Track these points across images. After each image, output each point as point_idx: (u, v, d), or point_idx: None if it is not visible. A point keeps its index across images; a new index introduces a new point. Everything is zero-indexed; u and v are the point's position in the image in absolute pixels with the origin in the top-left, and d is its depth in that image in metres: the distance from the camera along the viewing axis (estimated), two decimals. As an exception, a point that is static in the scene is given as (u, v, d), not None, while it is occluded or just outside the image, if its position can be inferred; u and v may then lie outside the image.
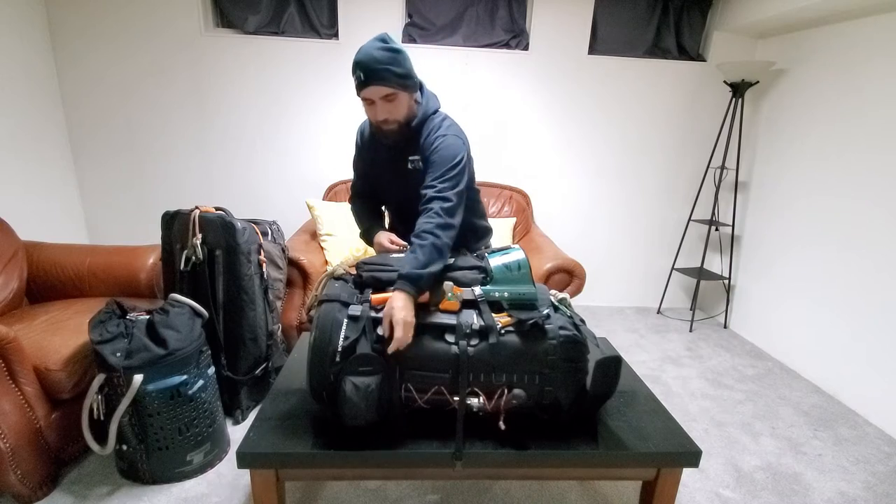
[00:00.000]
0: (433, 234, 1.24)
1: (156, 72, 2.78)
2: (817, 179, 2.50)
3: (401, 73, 1.30)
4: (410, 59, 1.35)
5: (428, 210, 1.30)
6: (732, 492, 1.66)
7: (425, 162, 1.40)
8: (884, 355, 2.11)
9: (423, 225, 1.27)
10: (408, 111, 1.38)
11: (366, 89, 1.31)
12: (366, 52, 1.29)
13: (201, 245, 1.75)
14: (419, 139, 1.42)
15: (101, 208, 2.98)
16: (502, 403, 1.13)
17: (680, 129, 3.09)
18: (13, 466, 1.38)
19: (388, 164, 1.49)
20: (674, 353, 2.72)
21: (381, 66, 1.28)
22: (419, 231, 1.26)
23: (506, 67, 2.90)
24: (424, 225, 1.26)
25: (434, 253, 1.22)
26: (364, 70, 1.28)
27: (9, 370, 1.39)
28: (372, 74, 1.28)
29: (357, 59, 1.30)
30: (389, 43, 1.30)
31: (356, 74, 1.31)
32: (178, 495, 1.53)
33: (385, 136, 1.41)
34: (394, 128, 1.37)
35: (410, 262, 1.19)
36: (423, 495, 1.57)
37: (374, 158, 1.54)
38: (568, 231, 3.22)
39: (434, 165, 1.36)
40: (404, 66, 1.32)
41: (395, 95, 1.32)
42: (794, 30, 2.68)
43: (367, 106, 1.37)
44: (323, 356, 1.11)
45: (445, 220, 1.28)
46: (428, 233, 1.25)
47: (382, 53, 1.28)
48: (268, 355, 1.94)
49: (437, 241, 1.24)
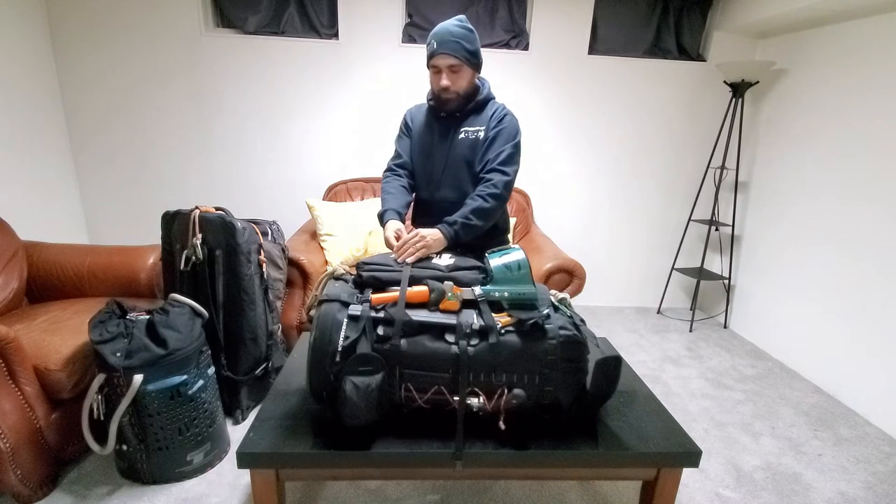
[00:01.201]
0: (483, 199, 1.46)
1: (156, 72, 2.78)
2: (817, 179, 2.50)
3: (470, 50, 1.46)
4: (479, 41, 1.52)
5: (487, 180, 1.49)
6: (732, 492, 1.66)
7: (490, 135, 1.54)
8: (884, 355, 2.11)
9: (480, 189, 1.48)
10: (468, 86, 1.52)
11: (436, 57, 1.46)
12: (443, 25, 1.46)
13: (201, 245, 1.75)
14: (479, 113, 1.58)
15: (101, 208, 2.98)
16: (502, 403, 1.13)
17: (680, 129, 3.09)
18: (13, 466, 1.38)
19: (441, 134, 1.60)
20: (674, 353, 2.72)
21: (454, 39, 1.43)
22: (475, 193, 1.48)
23: (506, 67, 2.90)
24: (480, 189, 1.48)
25: (479, 213, 1.45)
26: (438, 40, 1.44)
27: (9, 370, 1.39)
28: (444, 45, 1.43)
29: (434, 31, 1.46)
30: (465, 23, 1.47)
31: (430, 44, 1.46)
32: (178, 495, 1.53)
33: (444, 104, 1.54)
34: (453, 97, 1.51)
35: (460, 222, 1.43)
36: (423, 495, 1.57)
37: (425, 133, 1.63)
38: (568, 231, 3.22)
39: (500, 137, 1.52)
40: (474, 44, 1.48)
41: (460, 67, 1.46)
42: (795, 30, 2.68)
43: (432, 74, 1.51)
44: (323, 356, 1.11)
45: (499, 191, 1.47)
46: (480, 196, 1.46)
47: (458, 29, 1.45)
48: (268, 355, 1.94)
49: (485, 204, 1.45)
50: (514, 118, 1.57)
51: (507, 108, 1.59)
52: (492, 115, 1.57)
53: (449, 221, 1.44)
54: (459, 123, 1.58)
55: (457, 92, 1.50)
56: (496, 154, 1.51)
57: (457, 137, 1.58)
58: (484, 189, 1.47)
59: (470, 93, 1.54)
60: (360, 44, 2.81)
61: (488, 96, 1.59)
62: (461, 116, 1.58)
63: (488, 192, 1.46)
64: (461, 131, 1.58)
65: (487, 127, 1.56)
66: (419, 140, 1.63)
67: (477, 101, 1.56)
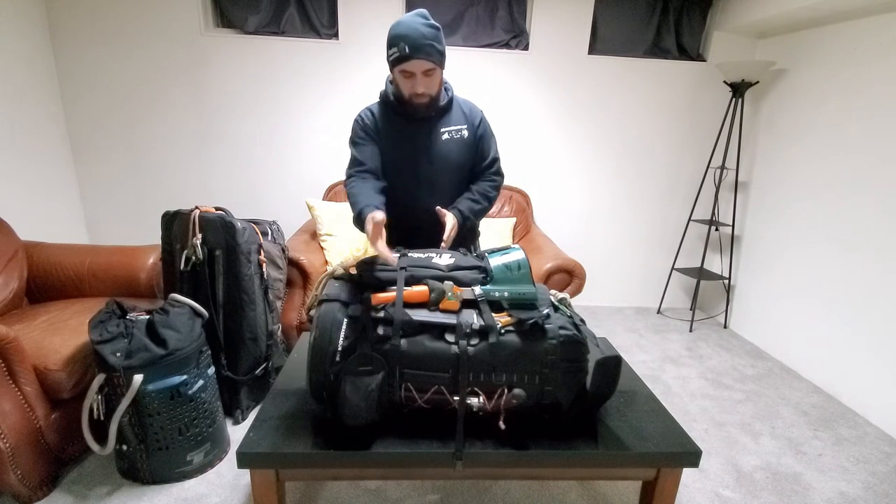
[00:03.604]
0: (487, 199, 1.61)
1: (156, 71, 2.78)
2: (817, 179, 2.50)
3: (441, 51, 1.39)
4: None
5: (493, 179, 1.63)
6: (732, 492, 1.66)
7: (479, 133, 1.59)
8: (884, 355, 2.11)
9: (486, 187, 1.61)
10: (439, 87, 1.47)
11: (409, 62, 1.35)
12: (410, 26, 1.33)
13: (201, 245, 1.75)
14: (450, 110, 1.56)
15: (100, 208, 2.98)
16: (502, 403, 1.13)
17: (680, 129, 3.09)
18: (13, 466, 1.38)
19: (420, 137, 1.53)
20: (674, 353, 2.72)
21: (427, 42, 1.33)
22: (483, 188, 1.60)
23: (506, 67, 2.90)
24: (487, 188, 1.61)
25: (482, 211, 1.60)
26: (410, 44, 1.32)
27: (9, 370, 1.39)
28: (418, 49, 1.33)
29: (400, 32, 1.33)
30: (431, 20, 1.36)
31: (398, 46, 1.33)
32: (178, 495, 1.53)
33: (416, 109, 1.47)
34: (425, 101, 1.45)
35: (468, 204, 1.55)
36: (423, 495, 1.57)
37: (397, 136, 1.53)
38: (568, 231, 3.22)
39: (487, 139, 1.61)
40: (443, 43, 1.40)
41: (434, 71, 1.40)
42: (795, 30, 2.68)
43: (403, 78, 1.41)
44: (323, 356, 1.11)
45: (497, 193, 1.64)
46: (485, 196, 1.60)
47: (428, 30, 1.34)
48: (268, 355, 1.94)
49: (487, 205, 1.61)
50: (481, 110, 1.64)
51: (467, 99, 1.63)
52: (467, 112, 1.58)
53: (464, 214, 1.53)
54: (436, 123, 1.53)
55: (430, 95, 1.45)
56: (493, 154, 1.63)
57: (440, 138, 1.53)
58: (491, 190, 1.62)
59: (440, 92, 1.50)
60: (360, 44, 2.81)
61: (450, 92, 1.56)
62: (436, 116, 1.53)
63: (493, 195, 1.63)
64: (443, 132, 1.53)
65: (470, 125, 1.57)
66: (392, 145, 1.54)
67: (446, 99, 1.53)
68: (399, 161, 1.55)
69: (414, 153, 1.54)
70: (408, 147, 1.54)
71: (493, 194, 1.63)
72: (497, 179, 1.64)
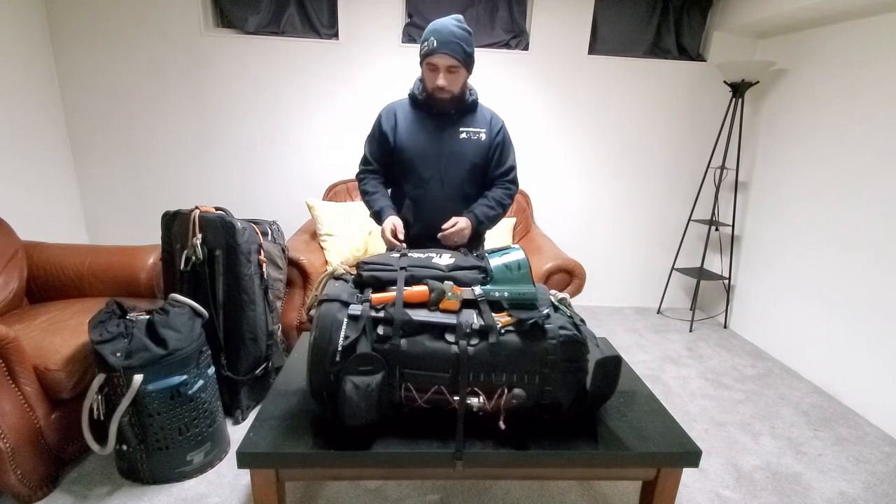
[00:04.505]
0: (502, 206, 1.69)
1: (156, 72, 2.78)
2: (818, 179, 2.50)
3: (468, 52, 1.51)
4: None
5: (508, 187, 1.71)
6: (732, 492, 1.66)
7: (497, 141, 1.66)
8: (884, 355, 2.11)
9: (501, 194, 1.69)
10: (461, 87, 1.57)
11: (436, 55, 1.47)
12: (444, 24, 1.48)
13: (201, 245, 1.75)
14: (473, 113, 1.66)
15: (100, 208, 2.98)
16: (502, 403, 1.13)
17: (680, 129, 3.09)
18: (13, 466, 1.38)
19: (437, 132, 1.62)
20: (674, 353, 2.72)
21: (456, 41, 1.47)
22: (498, 195, 1.68)
23: (506, 67, 2.90)
24: (502, 195, 1.69)
25: (496, 217, 1.69)
26: (439, 38, 1.46)
27: (9, 370, 1.39)
28: (446, 45, 1.46)
29: (434, 28, 1.48)
30: (464, 24, 1.51)
31: (428, 41, 1.47)
32: (178, 495, 1.53)
33: (437, 103, 1.57)
34: (446, 97, 1.55)
35: (483, 209, 1.64)
36: (423, 495, 1.57)
37: (417, 129, 1.63)
38: (568, 231, 3.22)
39: (506, 148, 1.69)
40: (472, 47, 1.53)
41: (457, 69, 1.50)
42: (795, 30, 2.68)
43: (429, 71, 1.53)
44: (323, 356, 1.11)
45: (511, 202, 1.72)
46: (500, 203, 1.68)
47: (460, 31, 1.48)
48: (268, 355, 1.94)
49: (501, 211, 1.70)
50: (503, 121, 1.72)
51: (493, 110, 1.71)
52: (489, 119, 1.67)
53: (479, 217, 1.63)
54: (456, 122, 1.63)
55: (451, 92, 1.54)
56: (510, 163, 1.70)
57: (458, 136, 1.62)
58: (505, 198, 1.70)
59: (461, 93, 1.59)
60: (360, 44, 2.81)
61: (477, 97, 1.67)
62: (456, 114, 1.62)
63: (507, 202, 1.71)
64: (461, 130, 1.62)
65: (489, 131, 1.65)
66: (411, 136, 1.63)
67: (470, 101, 1.63)
68: (415, 151, 1.63)
69: (429, 144, 1.62)
70: (425, 137, 1.62)
71: (507, 202, 1.71)
72: (512, 188, 1.72)
